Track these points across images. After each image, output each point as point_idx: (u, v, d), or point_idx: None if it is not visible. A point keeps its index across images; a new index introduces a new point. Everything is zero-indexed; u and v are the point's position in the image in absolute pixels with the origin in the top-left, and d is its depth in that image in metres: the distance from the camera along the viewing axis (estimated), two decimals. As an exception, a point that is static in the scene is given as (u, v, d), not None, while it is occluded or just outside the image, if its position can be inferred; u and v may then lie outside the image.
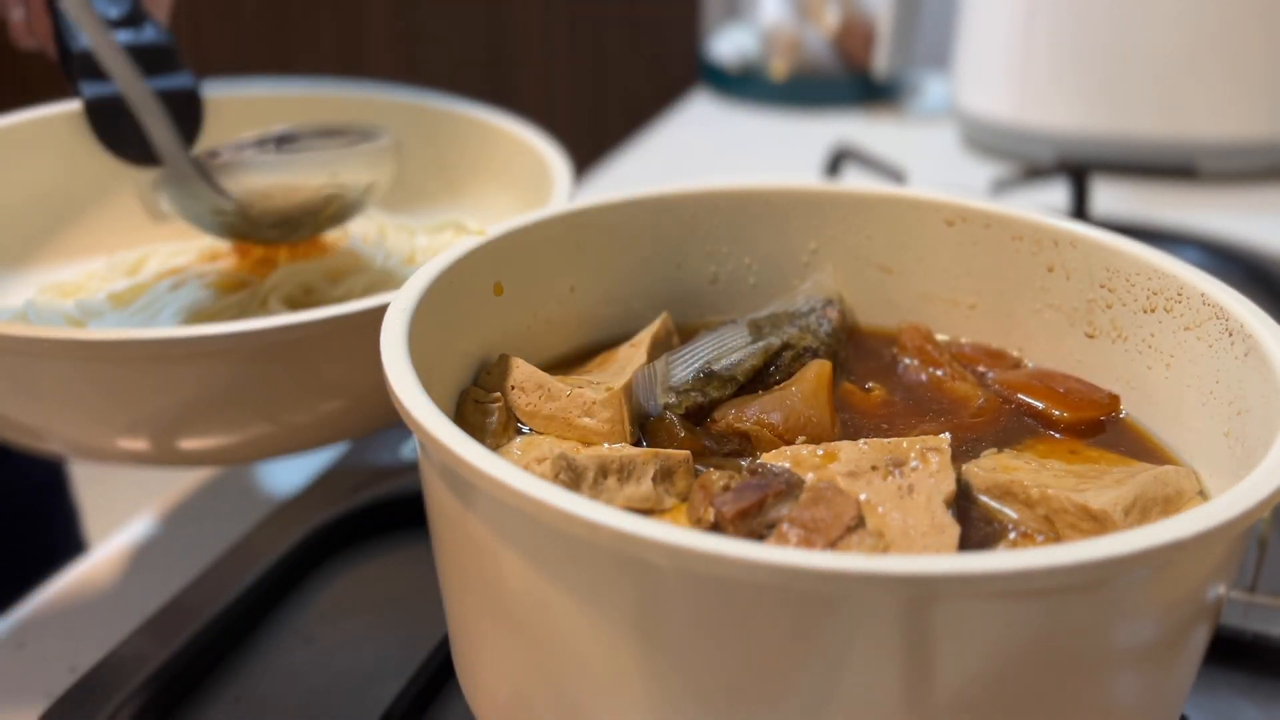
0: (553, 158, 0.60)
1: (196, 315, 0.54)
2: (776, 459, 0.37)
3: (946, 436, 0.36)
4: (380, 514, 0.57)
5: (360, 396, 0.48)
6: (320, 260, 0.58)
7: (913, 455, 0.36)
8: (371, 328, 0.37)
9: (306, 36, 2.26)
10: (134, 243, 0.63)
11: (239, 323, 0.43)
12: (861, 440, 0.36)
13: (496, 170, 0.65)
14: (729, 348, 0.43)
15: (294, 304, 0.55)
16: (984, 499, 0.36)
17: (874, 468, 0.35)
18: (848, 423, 0.42)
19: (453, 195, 0.67)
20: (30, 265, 0.61)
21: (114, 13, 0.60)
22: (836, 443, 0.37)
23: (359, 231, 0.62)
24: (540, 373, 0.40)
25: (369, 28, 2.37)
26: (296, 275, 0.56)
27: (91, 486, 1.13)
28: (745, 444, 0.40)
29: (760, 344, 0.43)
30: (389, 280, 0.57)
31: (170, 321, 0.53)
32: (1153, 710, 0.32)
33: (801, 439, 0.39)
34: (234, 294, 0.56)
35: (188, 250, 0.60)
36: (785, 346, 0.44)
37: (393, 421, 0.43)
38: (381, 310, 0.39)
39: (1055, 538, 0.34)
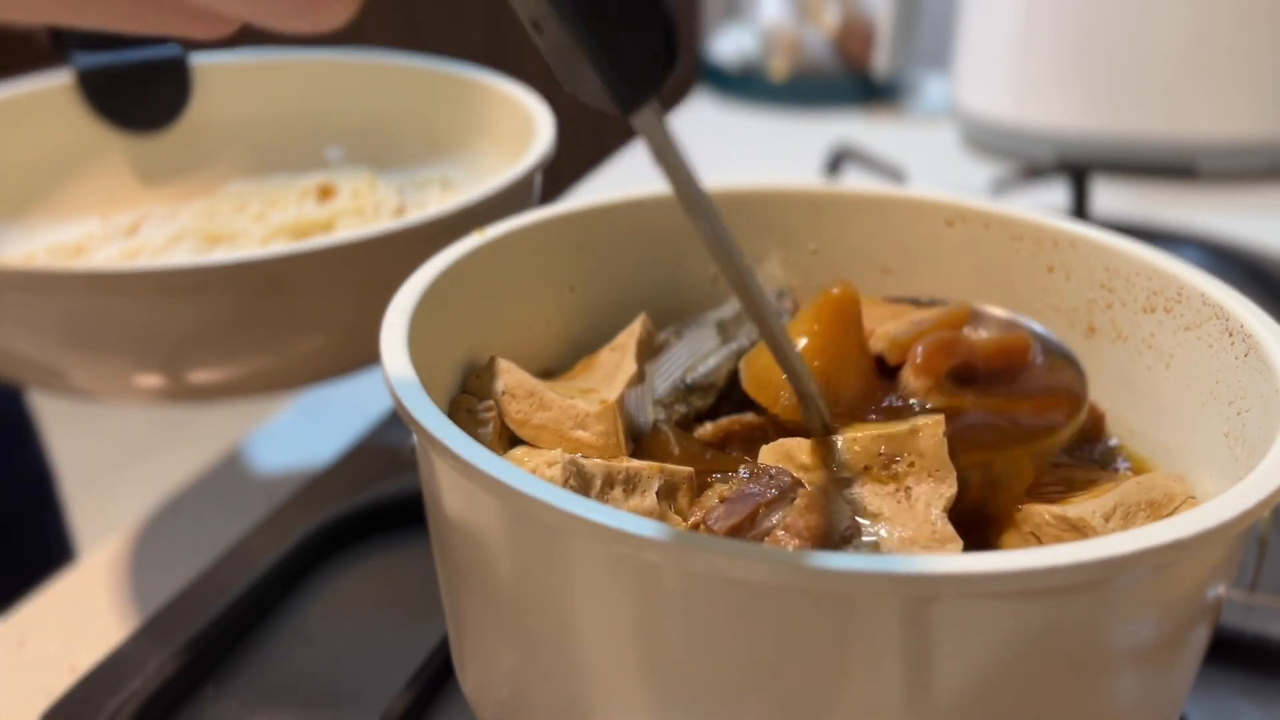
0: (535, 108, 0.60)
1: None
2: (774, 454, 0.36)
3: (940, 418, 0.35)
4: (380, 514, 0.57)
5: (354, 328, 0.50)
6: (315, 212, 0.60)
7: (905, 448, 0.35)
8: (361, 260, 0.42)
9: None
10: (125, 203, 0.64)
11: (239, 253, 0.46)
12: (855, 428, 0.36)
13: (482, 125, 0.67)
14: (701, 353, 0.43)
15: None
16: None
17: (866, 467, 0.35)
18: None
19: (439, 152, 0.69)
20: (25, 220, 0.62)
21: None
22: (832, 438, 0.36)
23: (350, 186, 0.63)
24: (531, 379, 0.39)
25: (368, 30, 2.37)
26: (294, 224, 0.58)
27: (84, 488, 1.14)
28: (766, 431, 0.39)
29: (733, 347, 0.43)
30: None
31: None
32: (1153, 710, 0.32)
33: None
34: (232, 243, 0.58)
35: (183, 211, 0.62)
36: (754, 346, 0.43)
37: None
38: (365, 243, 0.45)
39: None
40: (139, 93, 0.64)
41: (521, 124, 0.61)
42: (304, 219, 0.59)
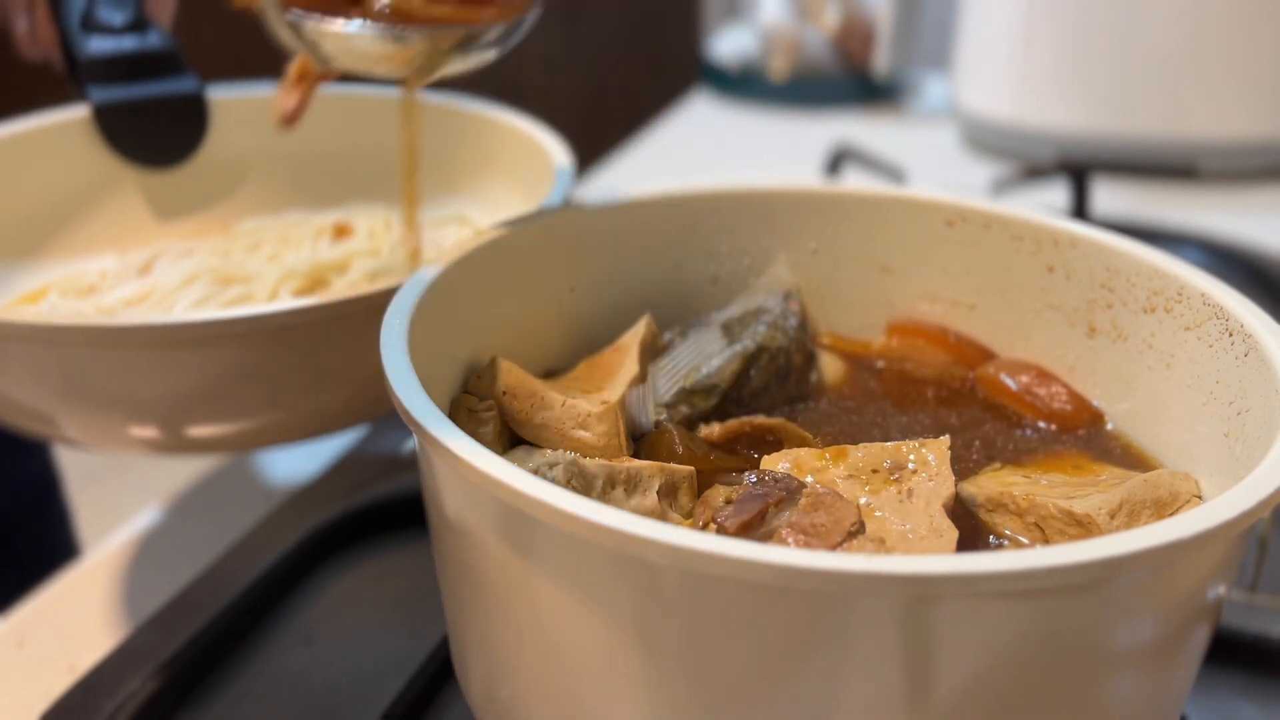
0: (553, 147, 0.60)
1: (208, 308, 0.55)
2: (780, 461, 0.36)
3: (946, 439, 0.36)
4: (380, 514, 0.57)
5: (363, 381, 0.49)
6: (329, 253, 0.59)
7: (911, 457, 0.36)
8: (373, 314, 0.38)
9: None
10: (142, 239, 0.64)
11: (249, 307, 0.44)
12: (862, 445, 0.37)
13: (499, 163, 0.66)
14: (705, 354, 0.43)
15: (303, 294, 0.56)
16: (977, 511, 0.36)
17: (875, 471, 0.35)
18: (843, 415, 0.42)
19: (456, 189, 0.68)
20: (41, 255, 0.62)
21: (119, 19, 0.61)
22: (840, 446, 0.37)
23: (365, 226, 0.63)
24: (532, 379, 0.39)
25: (369, 28, 2.37)
26: (309, 268, 0.57)
27: (87, 487, 1.13)
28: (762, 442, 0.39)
29: (737, 349, 0.43)
30: (394, 273, 0.58)
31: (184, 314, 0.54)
32: (1153, 711, 0.32)
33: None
34: (245, 285, 0.57)
35: (198, 249, 0.61)
36: (760, 349, 0.43)
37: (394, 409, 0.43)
38: (382, 297, 0.40)
39: (1046, 544, 0.35)
40: (155, 128, 0.63)
41: (536, 159, 0.61)
42: (318, 261, 0.58)
